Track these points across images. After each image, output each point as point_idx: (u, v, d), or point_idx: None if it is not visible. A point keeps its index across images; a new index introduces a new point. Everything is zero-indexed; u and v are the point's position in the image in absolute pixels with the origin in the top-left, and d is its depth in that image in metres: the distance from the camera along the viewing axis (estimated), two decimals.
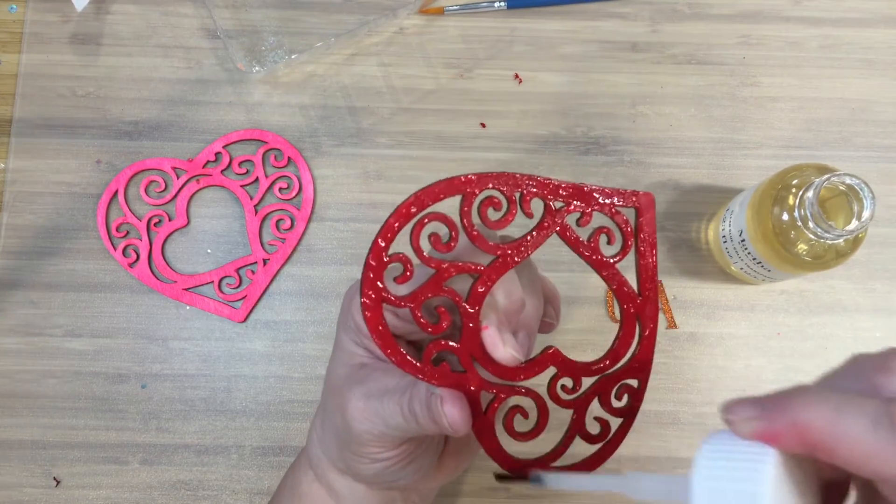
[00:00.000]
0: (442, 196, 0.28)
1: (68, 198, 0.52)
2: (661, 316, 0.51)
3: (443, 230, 0.29)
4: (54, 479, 0.48)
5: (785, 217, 0.43)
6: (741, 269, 0.48)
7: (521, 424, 0.31)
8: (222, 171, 0.52)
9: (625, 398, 0.32)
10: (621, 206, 0.31)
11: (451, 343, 0.29)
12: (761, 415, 0.22)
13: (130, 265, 0.50)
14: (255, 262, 0.51)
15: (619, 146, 0.53)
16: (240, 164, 0.52)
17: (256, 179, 0.52)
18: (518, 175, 0.29)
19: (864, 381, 0.22)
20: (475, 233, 0.29)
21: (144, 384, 0.50)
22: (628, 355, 0.32)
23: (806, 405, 0.21)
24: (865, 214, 0.40)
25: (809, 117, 0.54)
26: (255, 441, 0.49)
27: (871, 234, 0.51)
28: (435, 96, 0.53)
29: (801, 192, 0.41)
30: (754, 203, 0.45)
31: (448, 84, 0.53)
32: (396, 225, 0.28)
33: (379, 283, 0.28)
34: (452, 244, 0.29)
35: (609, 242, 0.31)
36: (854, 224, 0.40)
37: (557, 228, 0.30)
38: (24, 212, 0.51)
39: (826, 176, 0.40)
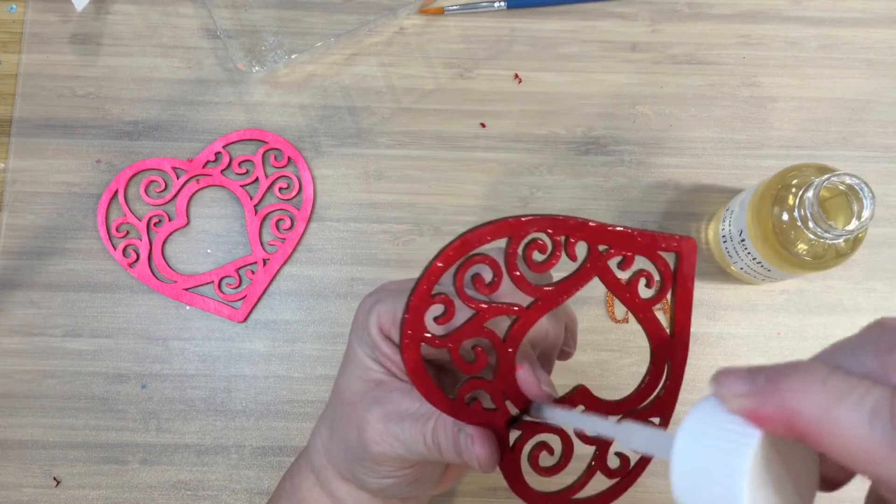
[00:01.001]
0: (489, 238, 0.28)
1: (68, 198, 0.52)
2: (661, 316, 0.51)
3: (486, 271, 0.29)
4: (54, 479, 0.48)
5: (785, 217, 0.43)
6: (741, 269, 0.48)
7: (545, 460, 0.31)
8: (222, 171, 0.52)
9: None
10: (663, 250, 0.31)
11: (485, 381, 0.29)
12: (750, 392, 0.20)
13: (130, 265, 0.50)
14: (255, 262, 0.51)
15: (619, 146, 0.53)
16: (240, 164, 0.52)
17: (256, 179, 0.52)
18: (566, 218, 0.29)
19: (879, 358, 0.20)
20: (518, 274, 0.29)
21: (144, 384, 0.50)
22: (653, 395, 0.32)
23: (799, 388, 0.19)
24: (865, 214, 0.40)
25: (809, 117, 0.54)
26: (255, 441, 0.49)
27: (871, 234, 0.51)
28: (435, 96, 0.53)
29: (801, 192, 0.41)
30: (754, 203, 0.45)
31: (448, 84, 0.53)
32: (441, 266, 0.28)
33: (420, 323, 0.28)
34: (496, 286, 0.29)
35: (647, 285, 0.31)
36: (854, 224, 0.40)
37: (599, 271, 0.30)
38: (24, 212, 0.51)
39: (826, 176, 0.40)
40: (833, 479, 0.23)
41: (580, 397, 0.31)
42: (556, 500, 0.31)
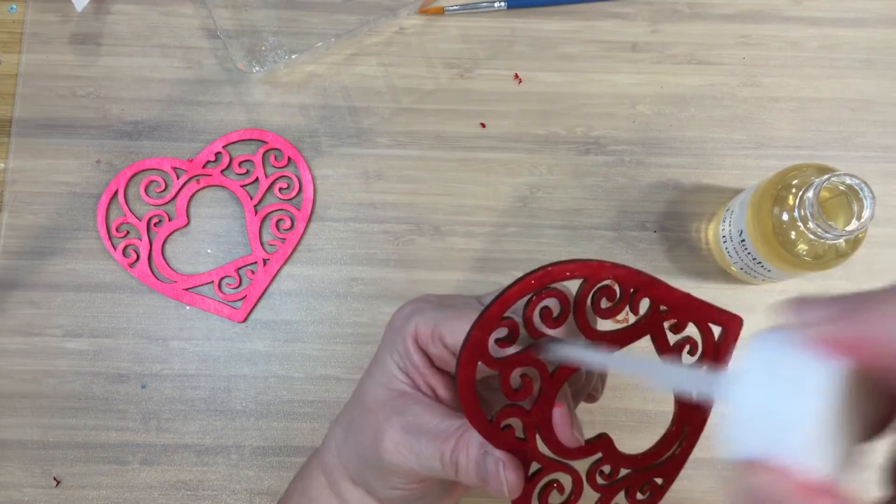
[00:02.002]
0: (569, 276, 0.29)
1: (68, 198, 0.52)
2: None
3: (555, 305, 0.29)
4: (54, 479, 0.48)
5: (785, 217, 0.43)
6: (741, 269, 0.48)
7: (553, 497, 0.31)
8: (222, 171, 0.52)
9: (648, 494, 0.33)
10: (713, 322, 0.32)
11: (523, 410, 0.30)
12: (830, 319, 0.18)
13: (130, 265, 0.50)
14: (255, 262, 0.51)
15: (619, 146, 0.53)
16: (240, 164, 0.52)
17: (256, 179, 0.52)
18: (640, 273, 0.30)
19: None
20: (584, 318, 0.30)
21: (144, 384, 0.50)
22: (669, 453, 0.33)
23: (882, 316, 0.17)
24: (865, 214, 0.40)
25: (809, 117, 0.54)
26: (255, 441, 0.49)
27: (871, 234, 0.51)
28: (435, 96, 0.53)
29: (801, 192, 0.41)
30: (754, 203, 0.45)
31: (448, 84, 0.53)
32: (516, 296, 0.28)
33: (484, 344, 0.28)
34: (560, 322, 0.29)
35: (690, 353, 0.32)
36: (854, 224, 0.40)
37: (653, 330, 0.31)
38: (24, 212, 0.51)
39: (826, 176, 0.40)
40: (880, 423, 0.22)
41: (602, 446, 0.32)
42: None
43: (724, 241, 0.49)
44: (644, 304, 0.30)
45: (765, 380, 0.18)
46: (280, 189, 0.52)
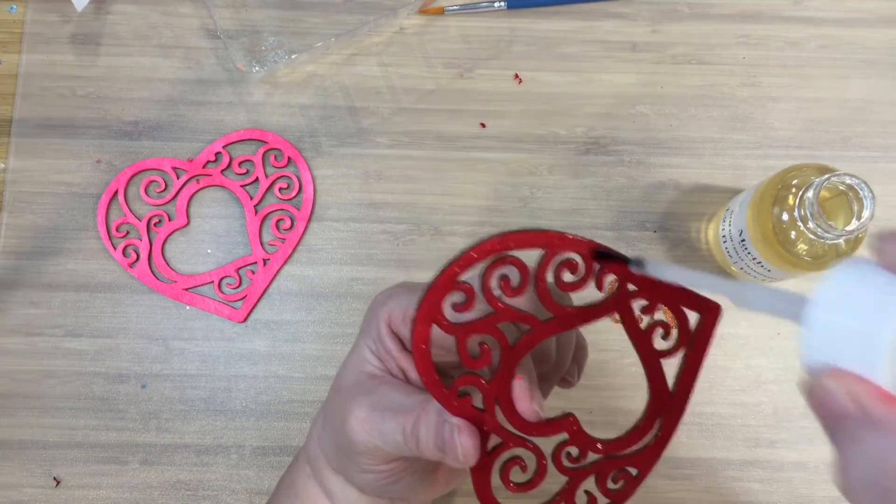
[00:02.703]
0: (530, 244, 0.29)
1: (68, 198, 0.52)
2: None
3: (515, 275, 0.29)
4: (54, 479, 0.48)
5: (785, 217, 0.43)
6: (741, 269, 0.48)
7: (515, 475, 0.31)
8: (222, 171, 0.52)
9: (620, 483, 0.32)
10: (688, 306, 0.31)
11: (482, 381, 0.29)
12: None
13: (130, 265, 0.50)
14: (255, 262, 0.51)
15: (619, 146, 0.53)
16: (240, 164, 0.52)
17: (256, 179, 0.52)
18: (606, 248, 0.29)
19: None
20: (544, 287, 0.29)
21: (144, 384, 0.50)
22: (641, 444, 0.32)
23: None
24: (865, 214, 0.40)
25: (809, 117, 0.54)
26: (255, 441, 0.49)
27: (871, 234, 0.51)
28: (435, 96, 0.53)
29: (801, 192, 0.41)
30: (754, 203, 0.45)
31: (448, 84, 0.53)
32: (476, 257, 0.28)
33: (439, 304, 0.28)
34: (520, 290, 0.29)
35: (664, 338, 0.31)
36: (854, 224, 0.40)
37: (621, 309, 0.30)
38: (24, 212, 0.51)
39: (826, 176, 0.40)
40: None
41: (566, 425, 0.31)
42: None
43: (724, 241, 0.49)
44: (611, 282, 0.30)
45: (847, 302, 0.19)
46: (280, 189, 0.52)
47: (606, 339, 0.51)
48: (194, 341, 0.50)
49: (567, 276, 0.30)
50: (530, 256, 0.29)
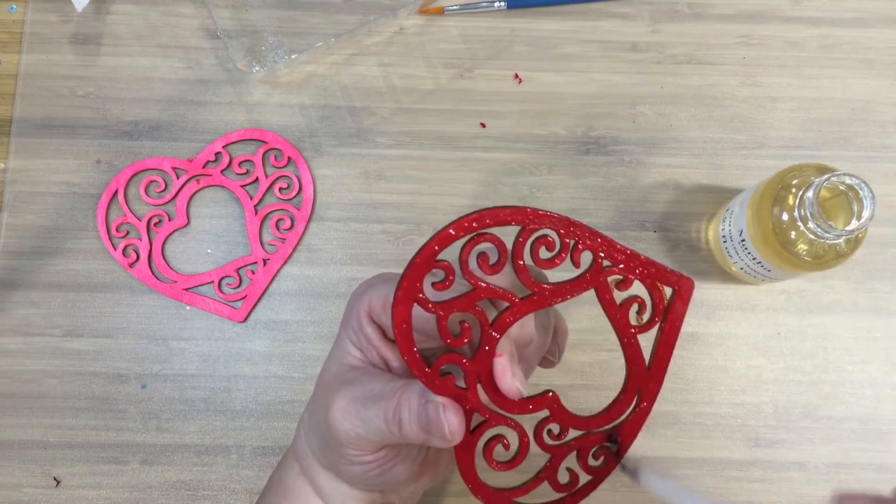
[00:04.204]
0: (507, 221, 0.29)
1: (68, 198, 0.52)
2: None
3: (493, 253, 0.29)
4: (54, 479, 0.48)
5: (785, 217, 0.43)
6: (741, 269, 0.48)
7: (498, 454, 0.31)
8: (222, 171, 0.52)
9: (601, 459, 0.33)
10: (663, 282, 0.32)
11: (463, 360, 0.30)
12: None
13: (130, 265, 0.50)
14: (255, 262, 0.51)
15: (619, 146, 0.53)
16: (240, 164, 0.52)
17: (256, 179, 0.52)
18: (580, 224, 0.30)
19: None
20: (521, 264, 0.30)
21: (144, 384, 0.50)
22: (621, 418, 0.33)
23: None
24: (865, 214, 0.40)
25: (809, 117, 0.54)
26: (255, 441, 0.49)
27: (871, 234, 0.51)
28: (435, 96, 0.53)
29: (801, 192, 0.41)
30: (754, 203, 0.45)
31: (448, 84, 0.53)
32: (453, 234, 0.28)
33: (418, 283, 0.28)
34: (498, 268, 0.29)
35: (638, 313, 0.32)
36: (854, 224, 0.40)
37: (597, 285, 0.31)
38: (24, 212, 0.51)
39: (826, 176, 0.40)
40: None
41: (548, 402, 0.31)
42: (498, 497, 0.31)
43: (724, 241, 0.49)
44: (587, 260, 0.30)
45: None
46: (280, 189, 0.52)
47: (606, 339, 0.51)
48: (194, 341, 0.50)
49: (544, 253, 0.30)
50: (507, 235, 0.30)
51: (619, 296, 0.31)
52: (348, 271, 0.51)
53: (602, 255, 0.30)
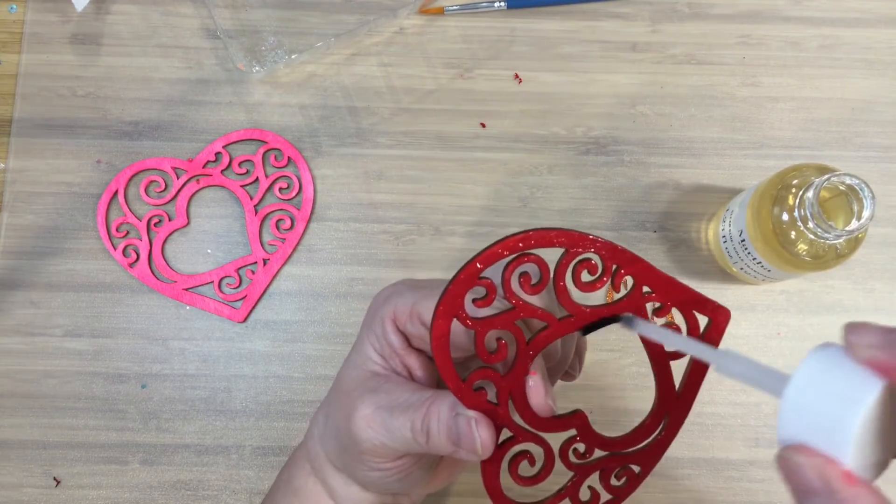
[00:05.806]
0: (553, 243, 0.29)
1: (68, 198, 0.52)
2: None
3: (535, 273, 0.30)
4: (54, 479, 0.48)
5: (785, 217, 0.43)
6: (741, 269, 0.48)
7: (524, 469, 0.31)
8: (222, 171, 0.52)
9: (623, 480, 0.33)
10: (699, 310, 0.32)
11: (497, 375, 0.30)
12: (882, 344, 0.21)
13: (130, 265, 0.50)
14: (255, 262, 0.51)
15: (619, 146, 0.53)
16: (240, 164, 0.52)
17: (256, 179, 0.52)
18: (623, 249, 0.30)
19: None
20: (562, 285, 0.30)
21: (144, 384, 0.50)
22: (647, 441, 0.33)
23: None
24: (865, 214, 0.40)
25: (809, 117, 0.54)
26: (255, 441, 0.49)
27: (871, 234, 0.51)
28: (435, 96, 0.53)
29: (801, 192, 0.41)
30: (754, 203, 0.45)
31: (448, 84, 0.53)
32: (500, 252, 0.29)
33: (460, 298, 0.29)
34: (540, 288, 0.30)
35: None
36: (854, 224, 0.40)
37: (634, 311, 0.31)
38: (24, 212, 0.51)
39: (826, 176, 0.40)
40: None
41: (576, 421, 0.32)
42: None
43: (724, 241, 0.49)
44: (628, 284, 0.30)
45: (821, 386, 0.21)
46: (280, 189, 0.52)
47: (606, 338, 0.51)
48: (194, 341, 0.50)
49: (585, 276, 0.30)
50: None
51: (655, 321, 0.32)
52: (348, 271, 0.51)
53: (641, 280, 0.31)
